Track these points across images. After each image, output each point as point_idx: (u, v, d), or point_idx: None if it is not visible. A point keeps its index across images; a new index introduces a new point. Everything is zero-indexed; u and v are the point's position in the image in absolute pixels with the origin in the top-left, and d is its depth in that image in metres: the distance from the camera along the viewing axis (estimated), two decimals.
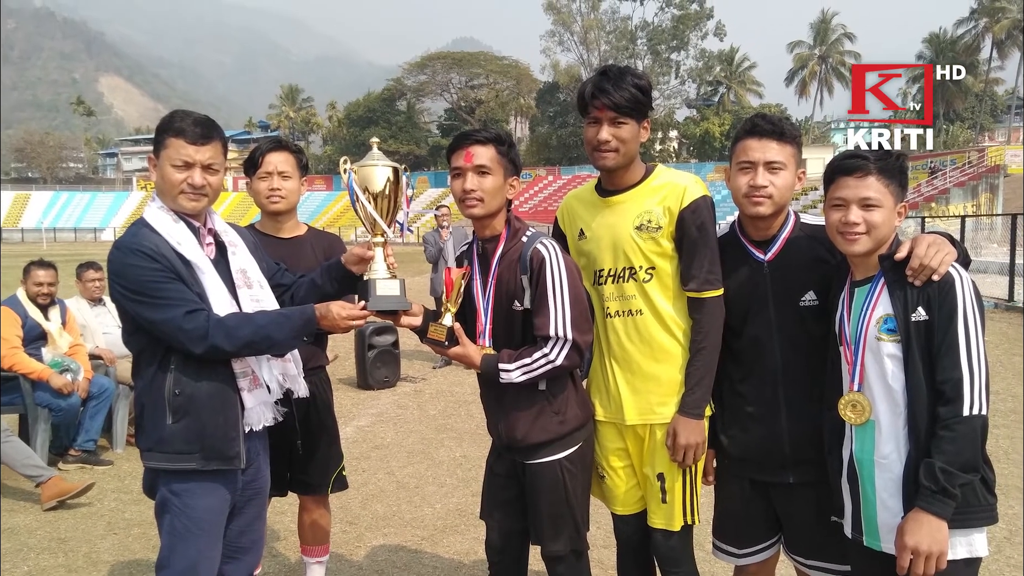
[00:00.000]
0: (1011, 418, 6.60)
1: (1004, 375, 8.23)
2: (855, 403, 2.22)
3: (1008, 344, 10.25)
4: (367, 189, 2.51)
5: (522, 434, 2.54)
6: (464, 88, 79.21)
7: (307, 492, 3.41)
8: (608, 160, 2.54)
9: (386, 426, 6.98)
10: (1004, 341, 10.44)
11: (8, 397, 5.54)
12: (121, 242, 2.37)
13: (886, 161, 2.19)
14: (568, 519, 2.58)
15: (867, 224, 2.17)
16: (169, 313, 2.28)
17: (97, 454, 5.82)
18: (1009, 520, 4.36)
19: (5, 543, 4.33)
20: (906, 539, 2.05)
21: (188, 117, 2.40)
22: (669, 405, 2.56)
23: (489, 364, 2.52)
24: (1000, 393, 7.33)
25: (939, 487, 2.00)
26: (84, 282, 6.49)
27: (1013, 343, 10.38)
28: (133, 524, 4.60)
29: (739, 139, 2.49)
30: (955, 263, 2.12)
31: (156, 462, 2.39)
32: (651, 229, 2.54)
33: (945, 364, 2.05)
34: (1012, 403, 7.11)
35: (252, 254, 2.60)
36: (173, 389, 2.33)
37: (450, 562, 4.08)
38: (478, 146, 2.52)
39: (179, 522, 2.37)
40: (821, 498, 2.43)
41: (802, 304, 2.46)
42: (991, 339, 8.85)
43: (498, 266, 2.58)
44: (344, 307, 2.41)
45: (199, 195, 2.40)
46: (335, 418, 3.47)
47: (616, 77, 2.50)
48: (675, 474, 2.58)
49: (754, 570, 2.68)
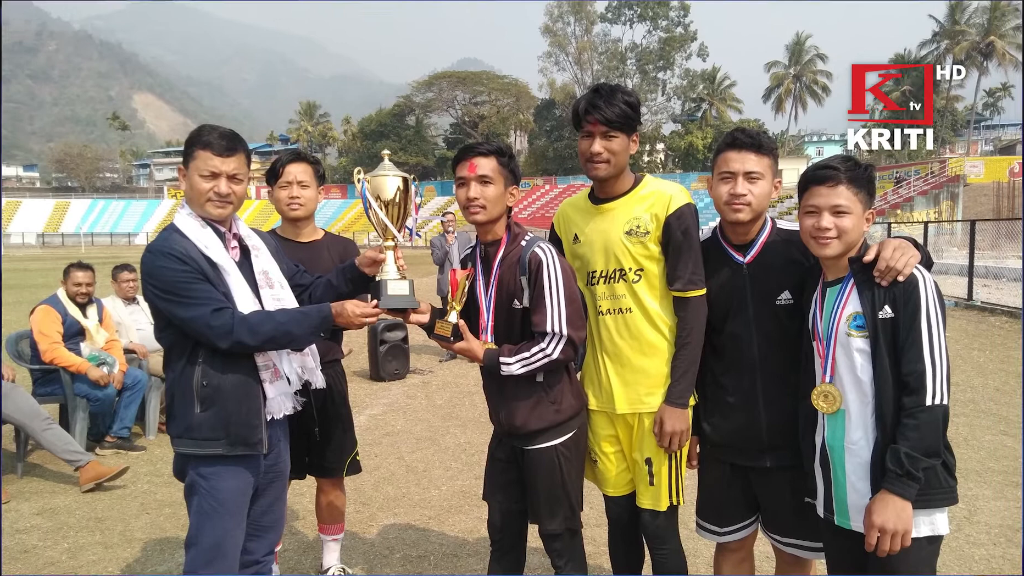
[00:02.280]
0: (969, 407, 6.60)
1: (963, 368, 8.23)
2: (827, 394, 2.22)
3: (967, 340, 10.25)
4: (379, 197, 2.51)
5: (521, 422, 2.54)
6: (468, 104, 79.11)
7: (324, 475, 3.41)
8: (600, 170, 2.54)
9: (396, 415, 6.97)
10: (963, 337, 10.44)
11: (49, 388, 5.55)
12: (153, 246, 2.37)
13: (855, 171, 2.19)
14: (563, 500, 2.58)
15: (838, 229, 2.17)
16: (197, 311, 2.27)
17: (131, 440, 5.82)
18: (968, 501, 4.36)
19: (46, 522, 4.34)
20: (874, 518, 2.05)
21: (215, 131, 2.40)
22: (656, 395, 2.56)
23: (491, 357, 2.51)
24: (960, 384, 7.33)
25: (904, 471, 2.00)
26: (119, 282, 6.49)
27: (972, 339, 10.38)
28: (164, 504, 4.60)
29: (720, 151, 2.49)
30: (919, 265, 2.11)
31: (185, 447, 2.39)
32: (640, 234, 2.54)
33: (910, 358, 2.05)
34: (971, 394, 7.11)
35: (273, 256, 2.60)
36: (201, 381, 2.33)
37: (455, 540, 4.08)
38: (481, 158, 2.52)
39: (206, 502, 2.37)
40: (796, 481, 2.43)
41: (778, 303, 2.46)
42: (951, 335, 8.88)
43: (499, 268, 2.58)
44: (358, 305, 2.42)
45: (225, 203, 2.40)
46: (350, 407, 3.46)
47: (607, 94, 2.49)
48: (662, 459, 2.58)
49: (734, 547, 2.68)
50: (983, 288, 14.54)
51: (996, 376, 7.94)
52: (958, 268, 16.04)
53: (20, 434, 5.11)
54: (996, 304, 12.90)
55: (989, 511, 4.29)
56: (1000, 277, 16.47)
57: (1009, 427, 5.95)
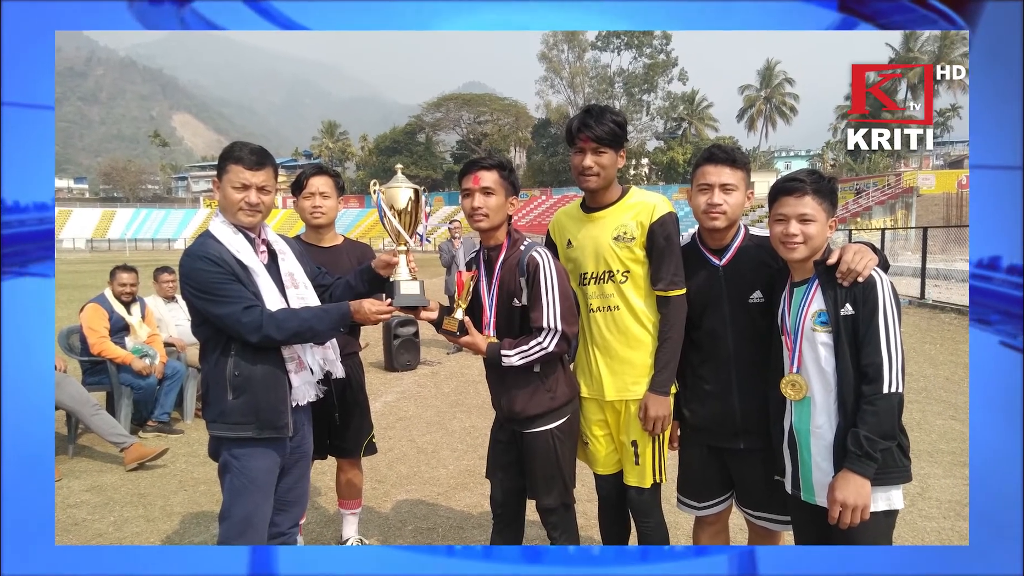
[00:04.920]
0: (922, 395, 6.59)
1: (917, 360, 8.22)
2: (794, 383, 2.22)
3: (920, 335, 10.24)
4: (393, 206, 2.51)
5: (520, 408, 2.54)
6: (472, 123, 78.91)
7: (343, 456, 3.41)
8: (591, 183, 2.54)
9: (408, 402, 6.96)
10: (916, 332, 10.42)
11: (97, 378, 5.55)
12: (190, 250, 2.36)
13: (820, 183, 2.19)
14: (558, 478, 2.58)
15: (804, 235, 2.17)
16: (229, 308, 2.27)
17: (170, 424, 5.81)
18: (921, 479, 4.36)
19: (95, 498, 4.33)
20: (836, 494, 2.05)
21: (245, 147, 2.40)
22: (641, 384, 2.56)
23: (493, 350, 2.51)
24: (913, 375, 7.32)
25: (863, 452, 2.00)
26: (160, 283, 6.49)
27: (924, 333, 10.37)
28: (200, 482, 4.60)
29: (699, 165, 2.48)
30: (876, 267, 2.11)
31: (219, 431, 2.39)
32: (626, 239, 2.53)
33: (868, 351, 2.05)
34: (923, 383, 7.11)
35: (298, 260, 2.60)
36: (233, 371, 2.33)
37: (461, 513, 4.08)
38: (484, 171, 2.52)
39: (238, 480, 2.37)
40: (766, 461, 2.42)
41: (751, 301, 2.46)
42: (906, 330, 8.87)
43: (500, 270, 2.58)
44: (374, 303, 2.41)
45: (255, 211, 2.40)
46: (367, 395, 3.46)
47: (598, 114, 2.49)
48: (646, 441, 2.58)
49: (711, 520, 2.68)
50: (934, 288, 14.52)
51: (946, 367, 7.93)
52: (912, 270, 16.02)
53: (71, 419, 5.11)
54: (946, 302, 12.89)
55: (939, 488, 4.28)
56: (950, 278, 16.46)
57: (958, 413, 5.94)
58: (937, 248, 19.39)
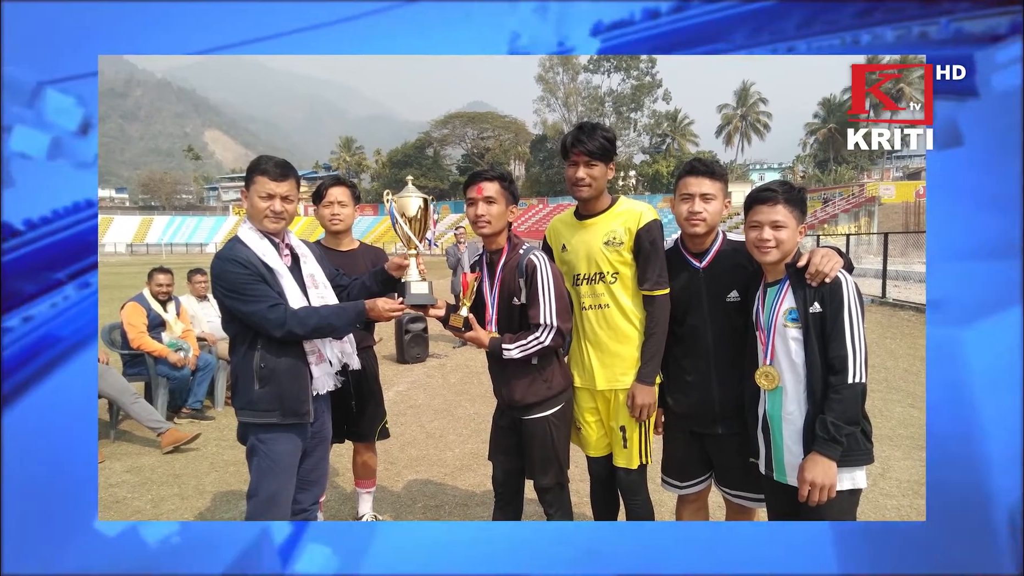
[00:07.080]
0: (883, 385, 6.59)
1: (878, 353, 8.21)
2: (767, 374, 2.22)
3: (881, 330, 10.24)
4: (404, 214, 2.51)
5: (519, 396, 2.54)
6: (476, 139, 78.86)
7: (359, 440, 3.41)
8: (583, 192, 2.54)
9: (418, 391, 6.96)
10: (878, 328, 10.42)
11: (136, 369, 5.55)
12: (220, 253, 2.37)
13: (791, 193, 2.19)
14: (554, 460, 2.58)
15: (776, 240, 2.17)
16: (256, 306, 2.27)
17: (203, 412, 5.80)
18: (882, 461, 4.36)
19: (134, 478, 4.33)
20: (805, 475, 2.05)
21: (271, 160, 2.40)
22: (629, 375, 2.56)
23: (495, 344, 2.51)
24: (875, 367, 7.31)
25: (830, 436, 2.01)
26: (193, 283, 6.49)
27: (885, 329, 10.37)
28: (230, 464, 4.59)
29: (681, 177, 2.49)
30: (842, 269, 2.11)
31: (247, 417, 2.39)
32: (615, 244, 2.53)
33: (834, 345, 2.05)
34: (884, 374, 7.11)
35: (318, 262, 2.60)
36: (260, 363, 2.33)
37: (466, 492, 4.07)
38: (487, 182, 2.52)
39: (264, 462, 2.37)
40: (742, 445, 2.42)
41: (728, 301, 2.46)
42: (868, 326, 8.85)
43: (502, 272, 2.58)
44: (387, 302, 2.42)
45: (279, 218, 2.40)
46: (380, 385, 3.46)
47: (589, 131, 2.49)
48: (633, 426, 2.58)
49: (692, 498, 2.68)
50: (894, 288, 14.51)
51: (905, 360, 7.93)
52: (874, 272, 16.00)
53: (112, 407, 5.11)
54: (905, 301, 12.88)
55: (899, 469, 4.28)
56: (908, 279, 16.45)
57: (916, 401, 5.94)
58: (897, 252, 19.41)
